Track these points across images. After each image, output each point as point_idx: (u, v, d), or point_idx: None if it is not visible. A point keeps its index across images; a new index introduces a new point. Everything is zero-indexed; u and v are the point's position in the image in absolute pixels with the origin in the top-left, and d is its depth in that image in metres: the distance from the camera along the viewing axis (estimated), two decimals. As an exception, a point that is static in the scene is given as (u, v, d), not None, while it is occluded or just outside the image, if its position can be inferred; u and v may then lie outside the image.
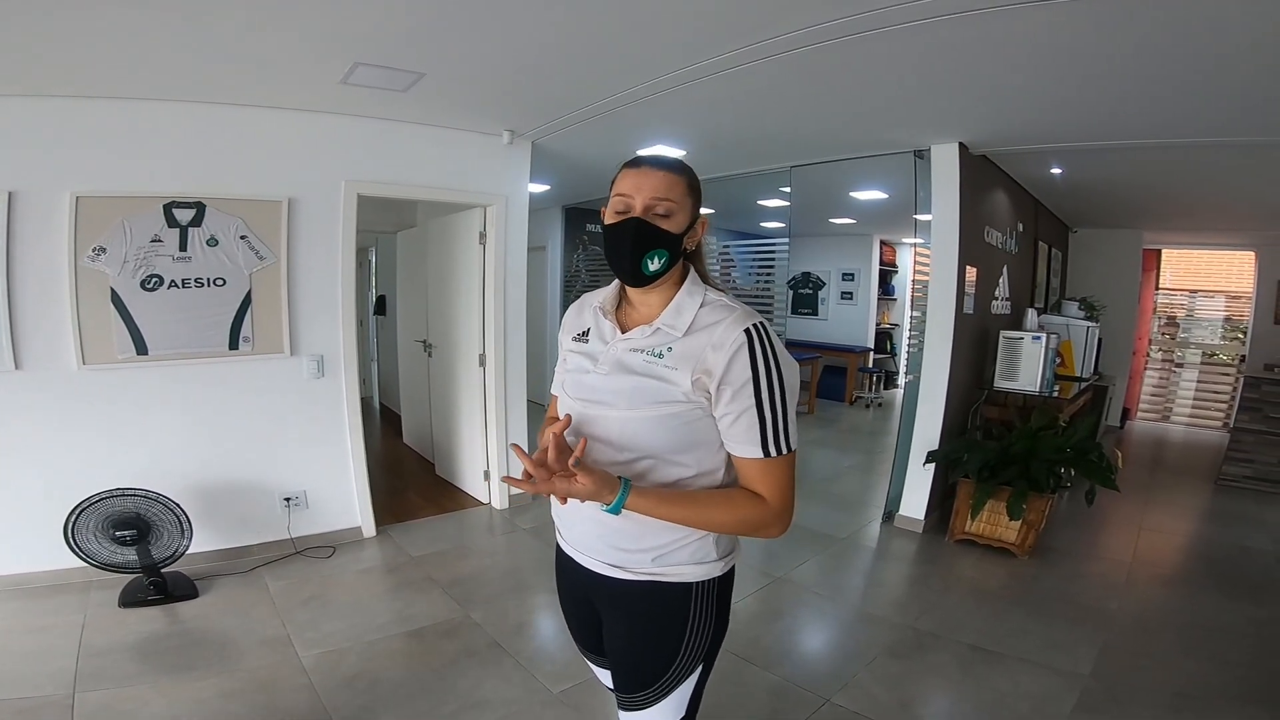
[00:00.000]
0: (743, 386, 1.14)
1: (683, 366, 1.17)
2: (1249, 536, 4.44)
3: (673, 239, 1.21)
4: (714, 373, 1.15)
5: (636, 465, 1.21)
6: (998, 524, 3.96)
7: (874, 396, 9.24)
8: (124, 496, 3.13)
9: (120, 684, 2.52)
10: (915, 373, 4.42)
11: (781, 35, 2.51)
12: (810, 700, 2.56)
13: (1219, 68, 2.61)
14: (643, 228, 1.19)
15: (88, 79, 2.94)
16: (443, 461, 5.30)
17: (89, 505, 3.07)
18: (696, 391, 1.16)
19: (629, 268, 1.21)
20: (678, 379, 1.17)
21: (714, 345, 1.16)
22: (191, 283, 3.41)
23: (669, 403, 1.17)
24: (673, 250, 1.21)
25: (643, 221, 1.19)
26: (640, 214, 1.19)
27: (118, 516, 3.11)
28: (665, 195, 1.19)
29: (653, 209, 1.19)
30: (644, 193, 1.19)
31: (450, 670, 2.72)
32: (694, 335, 1.19)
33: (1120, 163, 4.40)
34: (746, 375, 1.14)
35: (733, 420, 1.16)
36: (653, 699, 1.30)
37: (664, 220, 1.19)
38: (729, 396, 1.15)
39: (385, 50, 2.79)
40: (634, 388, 1.20)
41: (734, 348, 1.14)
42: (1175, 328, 8.47)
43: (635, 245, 1.19)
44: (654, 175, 1.20)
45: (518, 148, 4.37)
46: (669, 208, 1.19)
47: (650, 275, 1.21)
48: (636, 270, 1.21)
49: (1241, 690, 2.64)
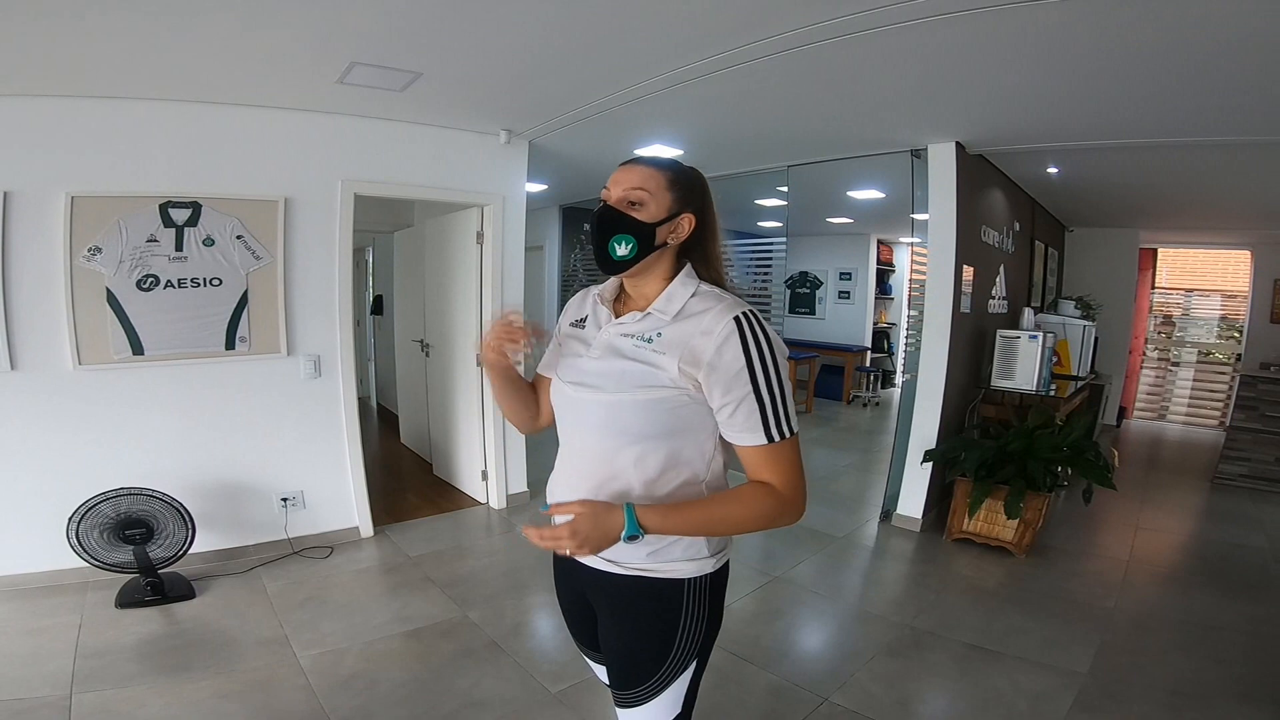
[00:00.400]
0: (737, 374, 1.15)
1: (670, 352, 1.19)
2: (1245, 535, 4.45)
3: (641, 226, 1.21)
4: (701, 360, 1.16)
5: (624, 450, 1.22)
6: (995, 523, 3.97)
7: (871, 395, 9.25)
8: (130, 496, 3.13)
9: (117, 685, 2.51)
10: (912, 372, 4.42)
11: (777, 35, 2.51)
12: (809, 699, 2.56)
13: (1214, 67, 2.62)
14: (607, 213, 1.23)
15: (83, 78, 2.93)
16: (440, 461, 5.30)
17: (95, 505, 3.06)
18: (683, 378, 1.18)
19: (595, 251, 1.25)
20: (665, 364, 1.18)
21: (702, 332, 1.17)
22: (188, 283, 3.40)
23: (655, 387, 1.19)
24: (640, 237, 1.22)
25: (608, 207, 1.23)
26: (612, 204, 1.23)
27: (126, 516, 3.11)
28: (638, 185, 1.22)
29: (624, 199, 1.22)
30: (619, 185, 1.23)
31: (448, 670, 2.71)
32: (682, 322, 1.21)
33: (1116, 162, 4.41)
34: (740, 363, 1.15)
35: (732, 410, 1.17)
36: (647, 695, 1.30)
37: (634, 209, 1.22)
38: (724, 386, 1.16)
39: (382, 50, 2.78)
40: (621, 371, 1.22)
41: (723, 335, 1.15)
42: (1171, 327, 8.50)
43: (599, 229, 1.23)
44: (632, 170, 1.24)
45: (515, 147, 4.37)
46: (641, 197, 1.21)
47: (619, 260, 1.23)
48: (603, 254, 1.24)
49: (1238, 688, 2.65)
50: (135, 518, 3.13)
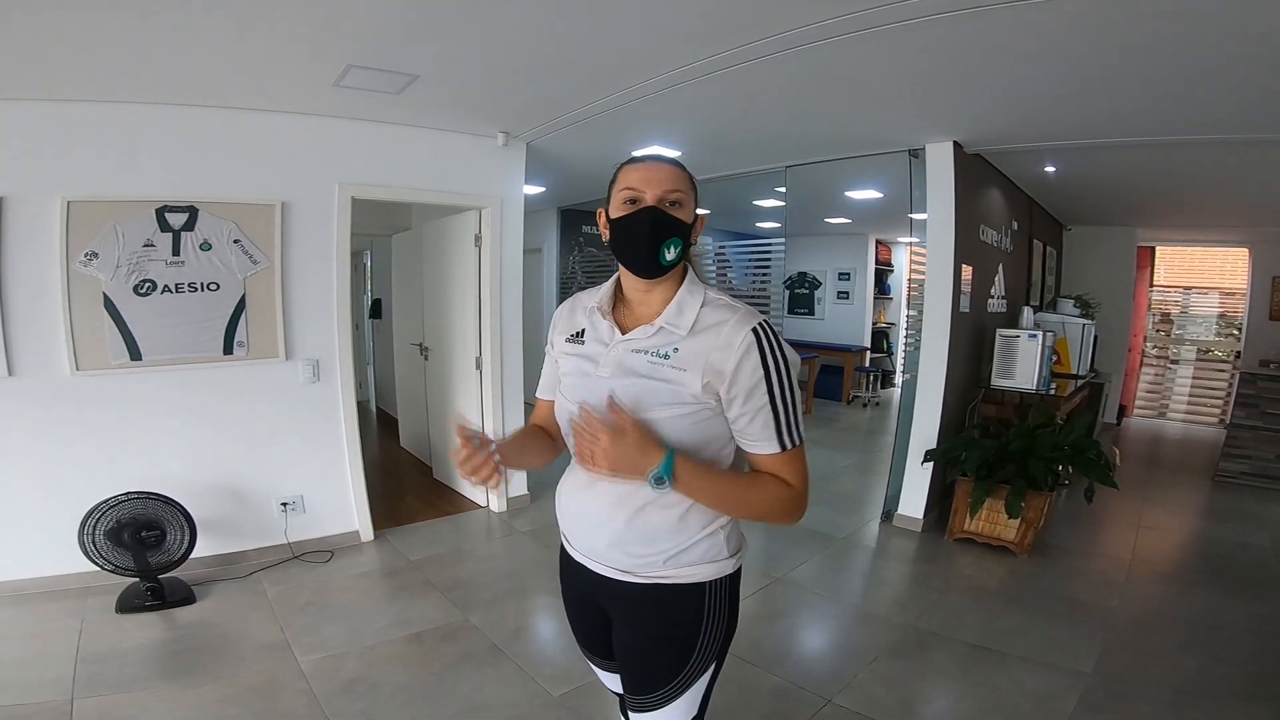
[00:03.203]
0: (755, 386, 1.15)
1: (692, 368, 1.17)
2: (1247, 533, 4.45)
3: (686, 228, 1.22)
4: (724, 374, 1.16)
5: None
6: (997, 522, 3.96)
7: (871, 395, 9.25)
8: (139, 500, 3.14)
9: (119, 690, 2.50)
10: (912, 371, 4.42)
11: (775, 35, 2.51)
12: (812, 701, 2.55)
13: (1210, 66, 2.62)
14: (659, 215, 1.19)
15: (78, 83, 2.92)
16: (440, 465, 5.28)
17: (107, 509, 3.07)
18: (706, 393, 1.17)
19: (646, 257, 1.20)
20: (687, 380, 1.17)
21: (722, 346, 1.16)
22: (185, 287, 3.39)
23: (678, 404, 1.17)
24: (685, 240, 1.22)
25: (659, 210, 1.19)
26: (656, 205, 1.19)
27: (138, 519, 3.11)
28: (675, 186, 1.20)
29: (665, 199, 1.20)
30: (655, 185, 1.20)
31: (450, 674, 2.70)
32: (700, 335, 1.19)
33: (1114, 161, 4.41)
34: (759, 375, 1.15)
35: (749, 420, 1.17)
36: (667, 699, 1.29)
37: (677, 210, 1.21)
38: (743, 398, 1.16)
39: (378, 53, 2.78)
40: (640, 390, 1.19)
41: (743, 349, 1.15)
42: (1170, 324, 8.50)
43: (653, 233, 1.18)
44: (662, 169, 1.21)
45: (512, 149, 4.37)
46: (679, 198, 1.21)
47: (666, 265, 1.21)
48: (654, 260, 1.20)
49: (1243, 687, 2.64)
50: (146, 521, 3.13)
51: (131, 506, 3.12)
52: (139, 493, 3.15)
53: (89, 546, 3.05)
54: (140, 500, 3.14)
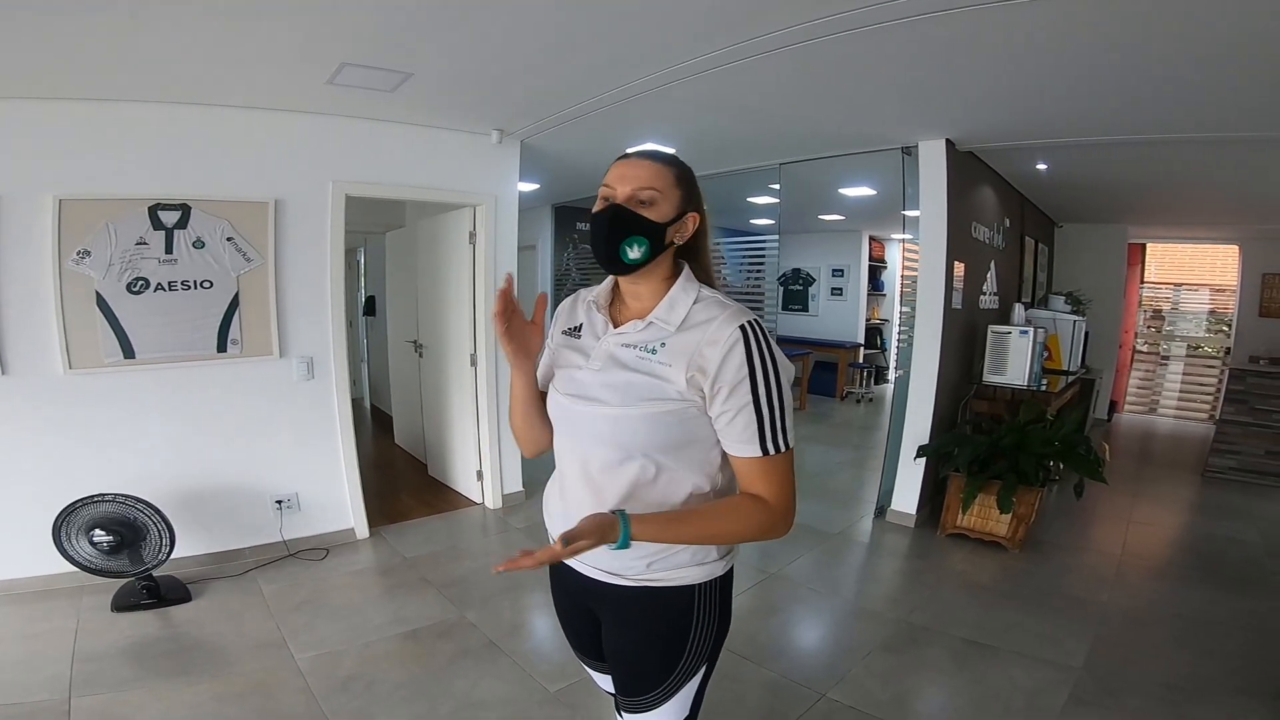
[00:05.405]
0: (739, 384, 1.13)
1: (677, 363, 1.16)
2: (1237, 528, 4.49)
3: (653, 226, 1.18)
4: (708, 370, 1.14)
5: (627, 464, 1.20)
6: (988, 518, 4.00)
7: (865, 391, 9.29)
8: (105, 502, 3.08)
9: (115, 689, 2.50)
10: (905, 367, 4.44)
11: (768, 33, 2.51)
12: (806, 695, 2.58)
13: (1200, 65, 2.64)
14: (620, 213, 1.17)
15: (69, 80, 2.90)
16: (435, 462, 5.29)
17: (72, 511, 3.03)
18: (691, 389, 1.15)
19: (606, 254, 1.19)
20: (672, 376, 1.16)
21: (708, 342, 1.15)
22: (178, 285, 3.38)
23: (662, 400, 1.16)
24: (653, 238, 1.18)
25: (620, 207, 1.17)
26: (621, 202, 1.18)
27: (102, 520, 3.06)
28: (648, 184, 1.18)
29: (634, 197, 1.18)
30: (627, 182, 1.18)
31: (447, 671, 2.71)
32: (687, 331, 1.18)
33: (1104, 158, 4.43)
34: (743, 373, 1.13)
35: (730, 419, 1.15)
36: (658, 700, 1.29)
37: (645, 208, 1.18)
38: (725, 395, 1.13)
39: (372, 50, 2.77)
40: (626, 384, 1.19)
41: (729, 344, 1.13)
42: (1160, 321, 8.56)
43: (612, 231, 1.17)
44: (639, 165, 1.20)
45: (506, 147, 4.36)
46: (651, 195, 1.18)
47: (630, 263, 1.19)
48: (614, 257, 1.19)
49: (1232, 681, 2.68)
50: (110, 523, 3.07)
51: (92, 510, 3.06)
52: (100, 495, 3.08)
53: (62, 549, 3.02)
54: (109, 503, 3.08)
